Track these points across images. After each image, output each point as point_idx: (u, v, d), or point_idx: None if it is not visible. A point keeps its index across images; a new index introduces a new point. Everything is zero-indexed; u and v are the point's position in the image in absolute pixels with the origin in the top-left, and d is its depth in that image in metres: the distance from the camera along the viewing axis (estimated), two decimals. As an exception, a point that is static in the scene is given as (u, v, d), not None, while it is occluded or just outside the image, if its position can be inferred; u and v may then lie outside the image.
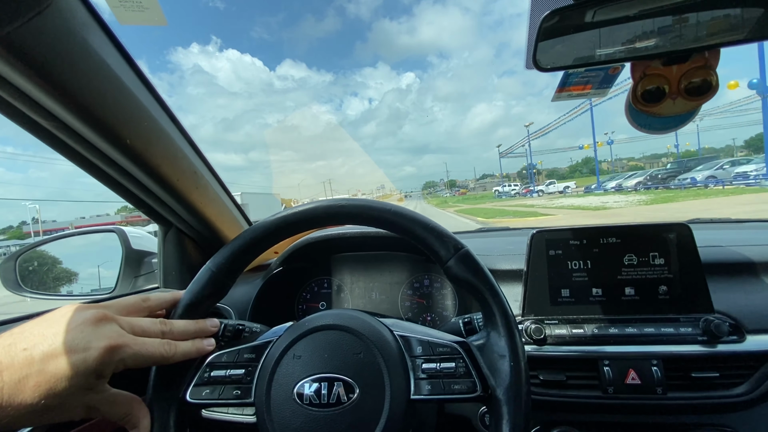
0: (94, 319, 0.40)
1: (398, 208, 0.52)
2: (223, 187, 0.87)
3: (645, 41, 0.52)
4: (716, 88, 0.54)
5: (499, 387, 0.45)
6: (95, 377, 0.39)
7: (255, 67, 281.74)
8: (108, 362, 0.39)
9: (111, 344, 0.39)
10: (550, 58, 0.55)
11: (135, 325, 0.44)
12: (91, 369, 0.38)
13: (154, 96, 0.62)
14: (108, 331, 0.40)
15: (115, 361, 0.40)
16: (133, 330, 0.43)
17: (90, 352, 0.38)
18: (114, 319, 0.42)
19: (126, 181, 0.68)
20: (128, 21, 0.51)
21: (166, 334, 0.46)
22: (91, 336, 0.39)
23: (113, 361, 0.40)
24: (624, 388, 0.65)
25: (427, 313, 1.00)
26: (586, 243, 0.75)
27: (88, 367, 0.38)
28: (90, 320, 0.40)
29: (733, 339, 0.66)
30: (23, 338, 0.38)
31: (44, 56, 0.44)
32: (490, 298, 0.48)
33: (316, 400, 0.45)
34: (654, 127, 0.61)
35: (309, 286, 1.06)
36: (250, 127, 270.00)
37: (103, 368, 0.39)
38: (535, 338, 0.69)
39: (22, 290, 0.98)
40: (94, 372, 0.38)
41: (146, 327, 0.45)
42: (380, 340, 0.48)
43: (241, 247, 0.52)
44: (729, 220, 1.19)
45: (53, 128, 0.54)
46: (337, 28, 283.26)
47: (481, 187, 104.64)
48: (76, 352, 0.37)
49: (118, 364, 0.40)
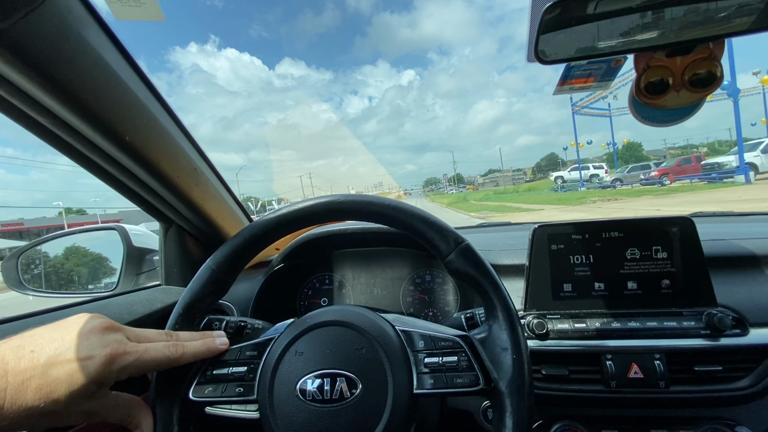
0: (101, 327, 0.41)
1: (398, 203, 0.51)
2: (223, 184, 0.87)
3: (648, 32, 0.51)
4: (721, 79, 0.53)
5: (502, 380, 0.45)
6: (95, 386, 0.39)
7: (254, 66, 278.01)
8: (109, 371, 0.39)
9: (112, 353, 0.39)
10: (552, 51, 0.54)
11: (141, 335, 0.44)
12: (91, 377, 0.38)
13: (153, 93, 0.62)
14: (111, 339, 0.40)
15: (116, 369, 0.40)
16: (138, 340, 0.43)
17: (92, 361, 0.38)
18: (120, 329, 0.43)
19: (126, 178, 0.68)
20: (125, 16, 0.50)
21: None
22: (95, 344, 0.39)
23: (114, 369, 0.40)
24: (627, 382, 0.65)
25: (429, 308, 1.00)
26: (588, 237, 0.74)
27: (88, 375, 0.38)
28: (97, 329, 0.40)
29: (736, 333, 0.65)
30: (32, 341, 0.38)
31: (41, 52, 0.43)
32: (491, 290, 0.48)
33: (319, 396, 0.45)
34: (658, 119, 0.60)
35: (310, 282, 1.06)
36: (249, 126, 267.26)
37: (104, 377, 0.39)
38: (537, 333, 0.69)
39: (24, 288, 0.99)
40: (95, 381, 0.38)
41: (152, 337, 0.45)
42: (382, 336, 0.48)
43: (241, 245, 0.51)
44: (732, 213, 1.18)
45: (52, 125, 0.53)
46: (336, 23, 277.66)
47: (492, 182, 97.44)
48: (79, 360, 0.38)
49: (120, 373, 0.40)
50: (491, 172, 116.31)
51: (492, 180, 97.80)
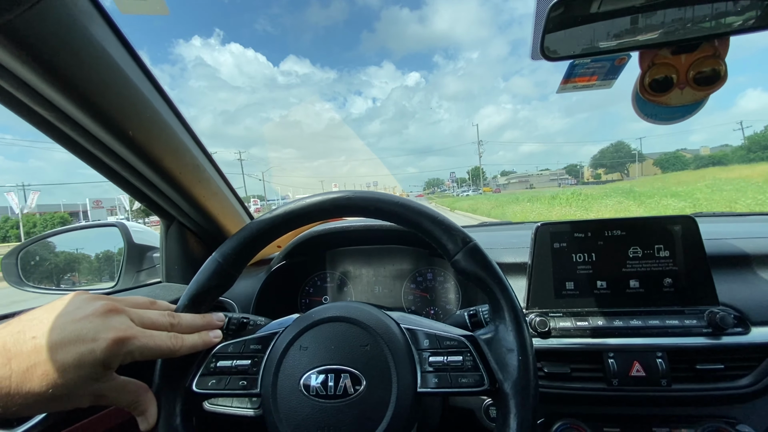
0: (103, 309, 0.40)
1: (406, 200, 0.51)
2: (225, 182, 0.87)
3: (654, 30, 0.51)
4: (725, 77, 0.54)
5: (507, 381, 0.45)
6: (102, 368, 0.39)
7: (258, 62, 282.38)
8: (116, 354, 0.39)
9: (119, 336, 0.39)
10: (556, 48, 0.54)
11: (144, 317, 0.44)
12: (98, 360, 0.38)
13: (157, 88, 0.61)
14: (117, 322, 0.40)
15: (122, 353, 0.39)
16: (142, 322, 0.43)
17: (98, 343, 0.38)
18: (124, 311, 0.42)
19: (128, 174, 0.67)
20: (130, 10, 0.50)
21: (174, 326, 0.46)
22: (99, 327, 0.38)
23: (121, 353, 0.39)
24: (628, 380, 0.65)
25: (431, 306, 1.00)
26: (591, 236, 0.74)
27: (95, 358, 0.37)
28: (100, 311, 0.40)
29: (738, 331, 0.66)
30: (32, 326, 0.38)
31: (45, 45, 0.43)
32: (498, 291, 0.48)
33: (323, 392, 0.45)
34: (661, 117, 0.60)
35: (312, 279, 1.06)
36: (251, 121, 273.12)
37: (110, 359, 0.39)
38: (539, 331, 0.69)
39: (23, 285, 0.98)
40: (102, 363, 0.38)
41: (155, 319, 0.45)
42: (387, 333, 0.48)
43: (247, 238, 0.51)
44: (732, 213, 1.19)
45: (55, 119, 0.53)
46: (344, 16, 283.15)
47: (522, 183, 79.73)
48: (85, 342, 0.37)
49: (125, 356, 0.40)
50: (506, 173, 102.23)
51: (523, 180, 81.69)
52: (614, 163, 76.43)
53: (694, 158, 61.33)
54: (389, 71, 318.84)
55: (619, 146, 77.89)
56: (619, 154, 77.20)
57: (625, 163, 74.03)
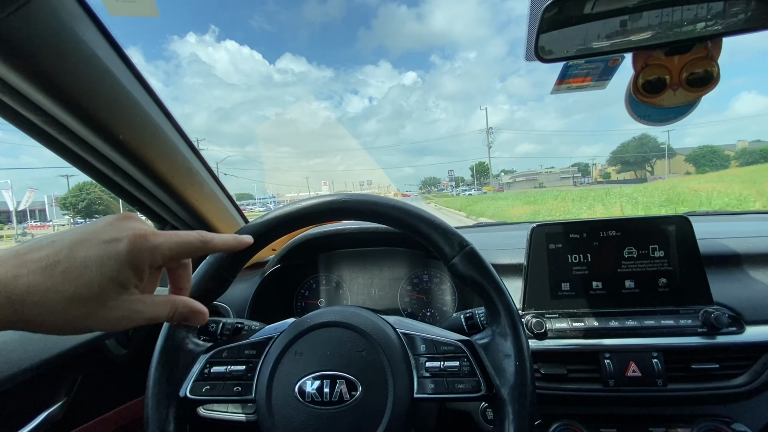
0: (121, 216, 0.39)
1: (402, 203, 0.51)
2: (218, 184, 0.86)
3: (647, 31, 0.51)
4: (717, 79, 0.54)
5: (504, 386, 0.45)
6: (128, 267, 0.36)
7: (254, 60, 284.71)
8: (140, 249, 0.37)
9: (138, 233, 0.37)
10: (551, 49, 0.54)
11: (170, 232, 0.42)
12: (122, 256, 0.35)
13: (147, 91, 0.61)
14: (134, 224, 0.38)
15: (146, 248, 0.37)
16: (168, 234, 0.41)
17: (120, 242, 0.36)
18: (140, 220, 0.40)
19: (120, 178, 0.67)
20: (119, 12, 0.49)
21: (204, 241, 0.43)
22: (118, 229, 0.37)
23: (144, 248, 0.37)
24: (625, 380, 0.65)
25: (427, 308, 0.99)
26: (586, 236, 0.75)
27: (119, 253, 0.35)
28: (117, 218, 0.38)
29: (732, 330, 0.66)
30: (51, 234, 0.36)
31: (32, 49, 0.42)
32: (495, 296, 0.48)
33: (318, 398, 0.44)
34: (653, 118, 0.60)
35: (307, 283, 1.05)
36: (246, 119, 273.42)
37: (134, 257, 0.36)
38: (535, 332, 0.69)
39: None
40: (126, 261, 0.36)
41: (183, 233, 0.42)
42: (383, 338, 0.48)
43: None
44: (726, 212, 1.20)
45: (43, 123, 0.52)
46: (341, 13, 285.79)
47: (529, 182, 71.58)
48: (105, 242, 0.36)
49: (152, 253, 0.38)
50: (508, 172, 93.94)
51: (530, 179, 74.44)
52: (638, 159, 66.19)
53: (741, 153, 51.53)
54: (386, 70, 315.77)
55: (643, 139, 66.21)
56: (644, 148, 66.03)
57: (650, 158, 64.36)
